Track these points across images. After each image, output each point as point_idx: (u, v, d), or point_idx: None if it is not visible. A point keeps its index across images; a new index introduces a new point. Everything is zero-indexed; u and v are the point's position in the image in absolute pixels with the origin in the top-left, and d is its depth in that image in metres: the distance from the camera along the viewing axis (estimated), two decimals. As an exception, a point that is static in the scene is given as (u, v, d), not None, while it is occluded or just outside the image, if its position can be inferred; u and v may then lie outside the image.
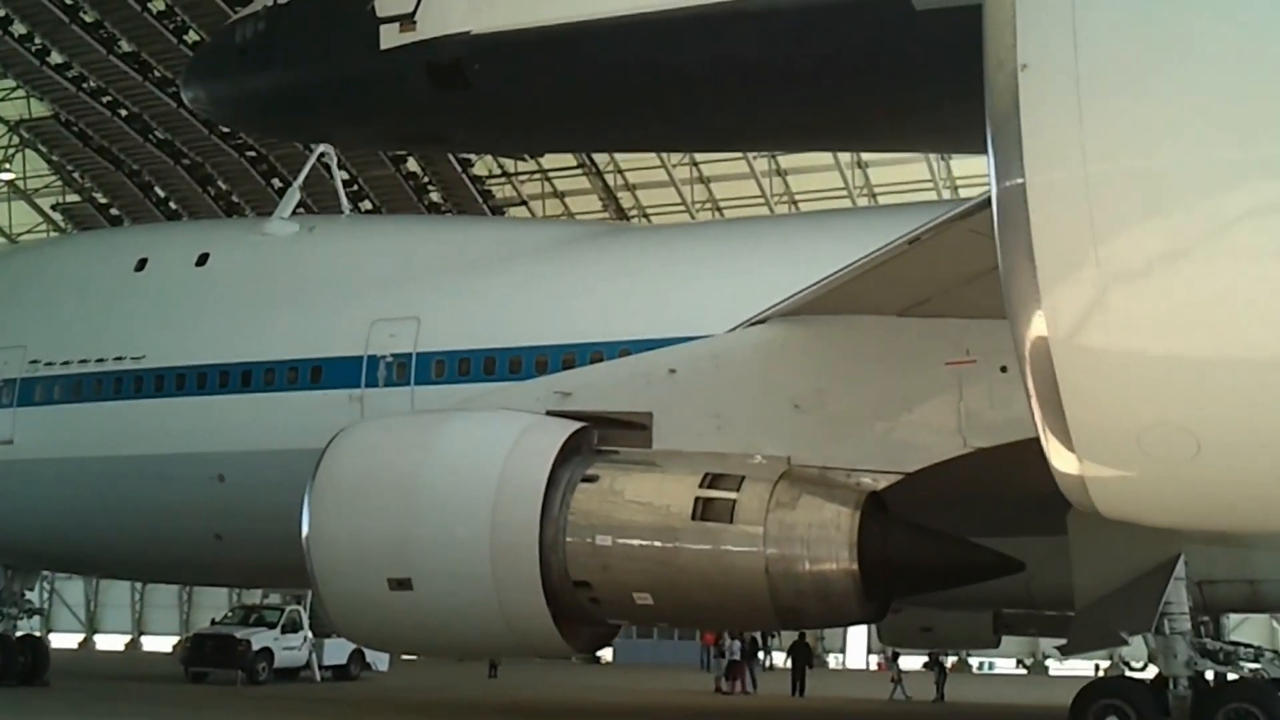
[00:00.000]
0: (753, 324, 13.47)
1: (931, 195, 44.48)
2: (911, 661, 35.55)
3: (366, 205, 46.69)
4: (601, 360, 16.74)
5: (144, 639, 60.16)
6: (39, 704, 20.43)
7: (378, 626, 13.93)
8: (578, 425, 13.44)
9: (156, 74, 43.08)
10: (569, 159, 47.26)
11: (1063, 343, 6.29)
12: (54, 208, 52.52)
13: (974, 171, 43.28)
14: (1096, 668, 38.60)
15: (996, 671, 50.86)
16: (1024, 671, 50.71)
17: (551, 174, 49.43)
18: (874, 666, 50.98)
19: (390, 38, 18.99)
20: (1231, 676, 13.86)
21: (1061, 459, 6.72)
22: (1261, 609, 19.75)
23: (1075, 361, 6.31)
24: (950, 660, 35.75)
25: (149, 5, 40.72)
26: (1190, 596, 13.74)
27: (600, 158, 47.57)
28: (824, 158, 45.20)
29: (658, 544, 12.45)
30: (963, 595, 14.78)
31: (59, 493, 20.06)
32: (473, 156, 46.07)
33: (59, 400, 20.22)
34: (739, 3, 17.39)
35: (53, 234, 52.08)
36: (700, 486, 12.48)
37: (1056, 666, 47.09)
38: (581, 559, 12.57)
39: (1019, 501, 14.46)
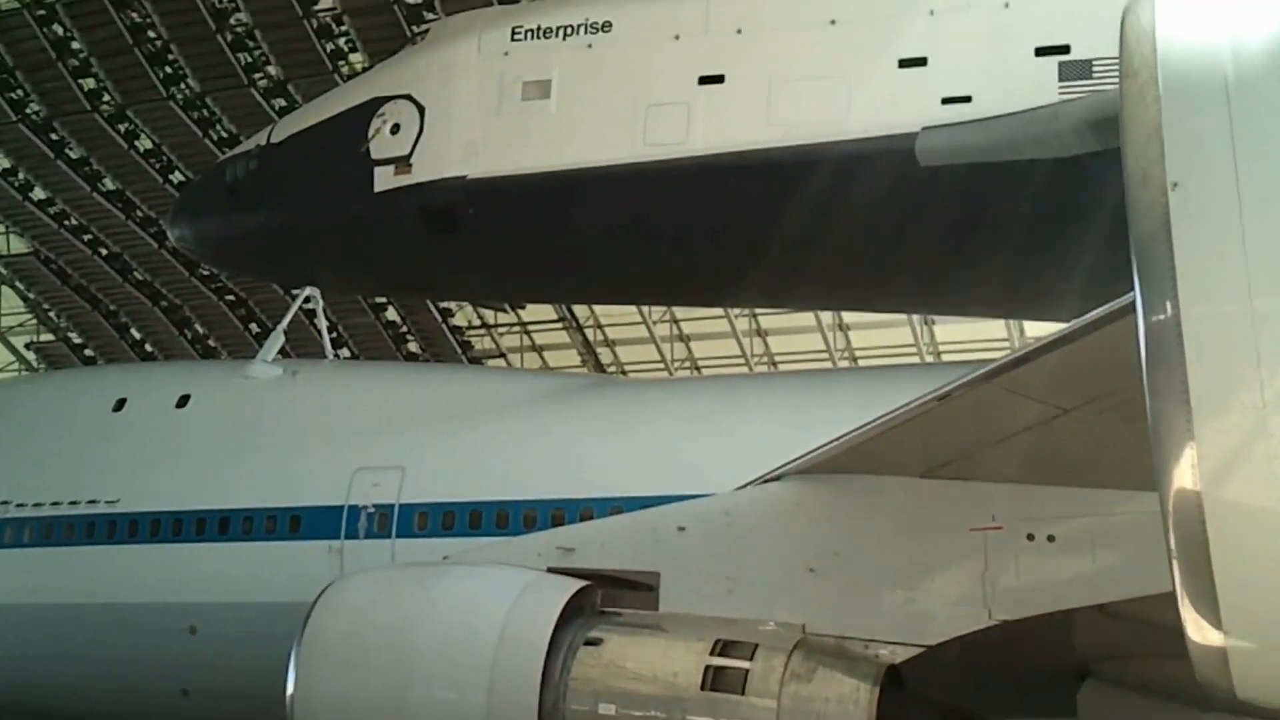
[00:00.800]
0: (766, 481, 12.90)
1: (914, 360, 44.23)
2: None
3: (345, 353, 46.24)
4: (592, 517, 16.16)
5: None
6: None
7: None
8: (581, 584, 12.77)
9: (140, 213, 42.82)
10: (549, 312, 47.01)
11: (1218, 496, 5.60)
12: (28, 347, 51.81)
13: (957, 337, 43.16)
14: None
15: None
16: None
17: (531, 327, 49.09)
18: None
19: (385, 180, 18.97)
20: None
21: (1200, 630, 5.90)
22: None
23: (1231, 517, 5.63)
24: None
25: (136, 143, 40.63)
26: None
27: (580, 312, 47.33)
28: (806, 319, 44.97)
29: (664, 715, 11.77)
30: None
31: (23, 640, 19.11)
32: (453, 306, 45.84)
33: (28, 544, 19.34)
34: (738, 156, 17.28)
35: (25, 373, 51.35)
36: (710, 654, 11.83)
37: None
38: None
39: (1032, 680, 13.85)
